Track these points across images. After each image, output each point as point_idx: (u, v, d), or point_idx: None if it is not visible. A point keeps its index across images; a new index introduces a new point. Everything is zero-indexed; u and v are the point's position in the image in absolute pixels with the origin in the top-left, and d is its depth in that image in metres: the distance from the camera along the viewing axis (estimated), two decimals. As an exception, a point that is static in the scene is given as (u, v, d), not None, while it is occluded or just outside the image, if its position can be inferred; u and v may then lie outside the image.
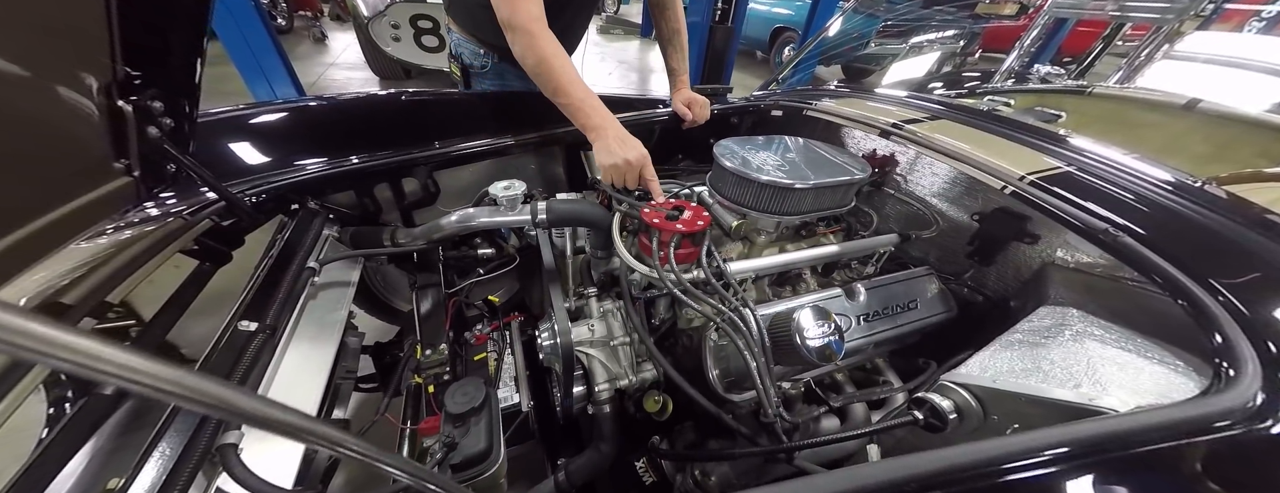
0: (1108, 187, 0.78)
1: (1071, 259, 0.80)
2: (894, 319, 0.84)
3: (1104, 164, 0.85)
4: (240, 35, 2.86)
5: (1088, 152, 0.90)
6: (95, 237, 0.57)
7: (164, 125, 0.62)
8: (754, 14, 6.86)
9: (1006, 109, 1.96)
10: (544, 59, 0.87)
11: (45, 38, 0.46)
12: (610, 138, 0.88)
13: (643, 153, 0.88)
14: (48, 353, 0.17)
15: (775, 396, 0.63)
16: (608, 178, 0.90)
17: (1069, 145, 0.94)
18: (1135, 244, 0.63)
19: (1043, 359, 0.58)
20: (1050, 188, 0.75)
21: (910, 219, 1.10)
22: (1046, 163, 0.84)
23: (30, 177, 0.48)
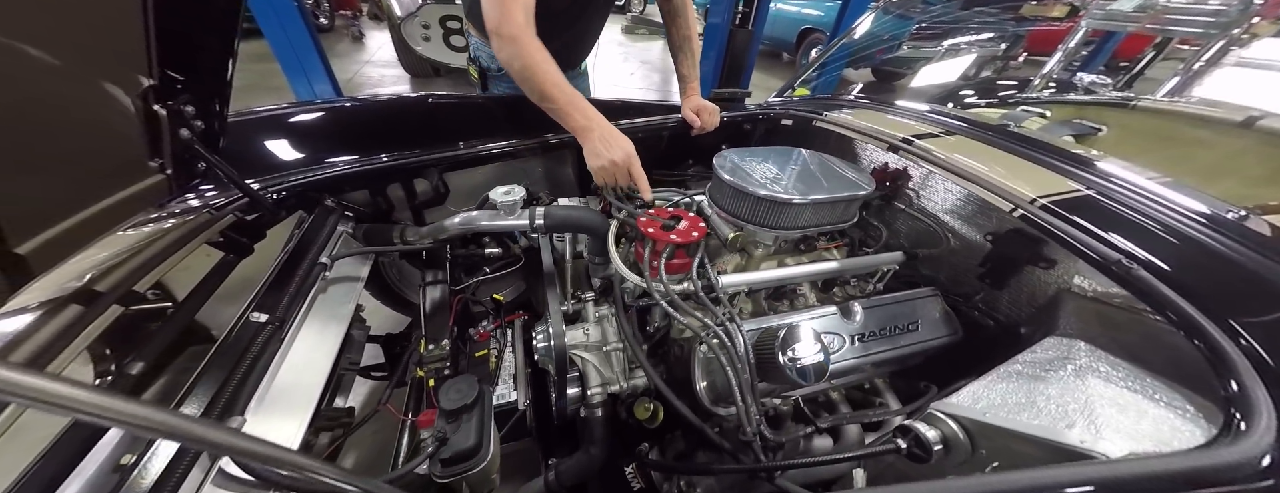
0: (1130, 214, 0.74)
1: (1088, 287, 0.76)
2: (893, 341, 0.82)
3: (1131, 190, 0.80)
4: (284, 35, 3.03)
5: (1114, 176, 0.84)
6: (129, 229, 0.63)
7: (195, 127, 0.67)
8: (781, 15, 6.74)
9: (1040, 121, 1.86)
10: (528, 65, 0.88)
11: (88, 50, 0.50)
12: (596, 138, 0.89)
13: (629, 152, 0.88)
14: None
15: (757, 413, 0.62)
16: (598, 178, 0.91)
17: (1094, 168, 0.89)
18: (1149, 277, 0.59)
19: (1039, 394, 0.56)
20: (1063, 213, 0.72)
21: (921, 236, 1.07)
22: (1064, 186, 0.80)
23: (74, 174, 0.53)
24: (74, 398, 0.22)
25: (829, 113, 1.20)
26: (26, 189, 0.47)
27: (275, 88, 3.52)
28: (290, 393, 0.63)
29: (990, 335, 0.96)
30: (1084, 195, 0.78)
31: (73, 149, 0.53)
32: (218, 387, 0.53)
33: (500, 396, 1.03)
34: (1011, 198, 0.77)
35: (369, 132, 1.10)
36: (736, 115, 1.33)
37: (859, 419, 0.78)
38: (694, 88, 1.26)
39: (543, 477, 0.92)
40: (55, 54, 0.47)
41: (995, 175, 0.81)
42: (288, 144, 0.98)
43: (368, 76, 4.72)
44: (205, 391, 0.53)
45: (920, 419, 0.59)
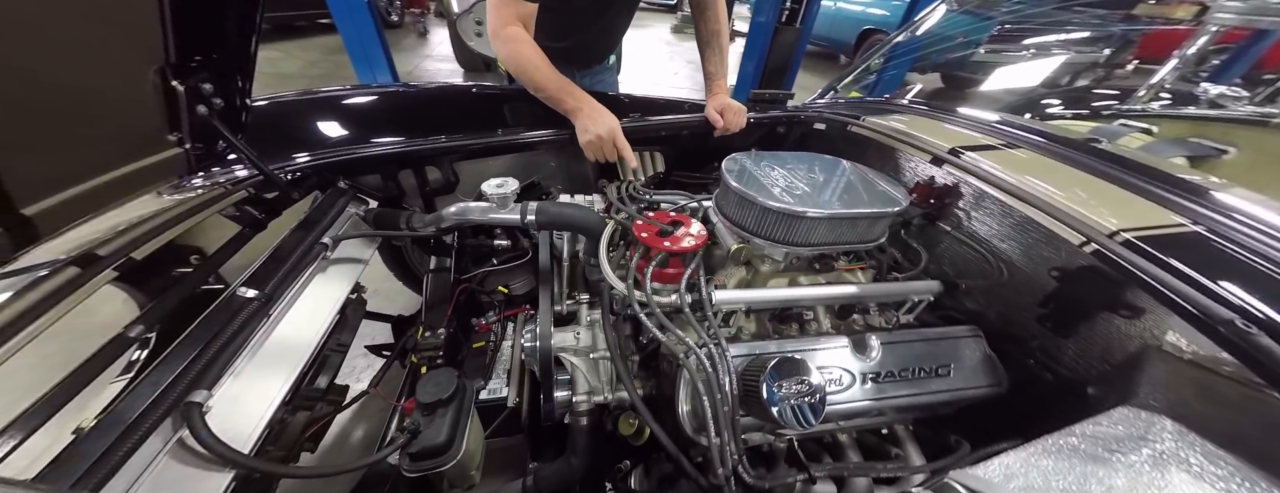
0: (1256, 261, 0.57)
1: (1187, 349, 0.60)
2: (916, 385, 0.70)
3: (1260, 229, 0.62)
4: (354, 30, 3.32)
5: (1238, 210, 0.66)
6: (143, 197, 0.67)
7: (214, 105, 0.70)
8: (842, 14, 6.35)
9: (1143, 138, 1.57)
10: (521, 61, 0.99)
11: (104, 22, 0.53)
12: (584, 116, 0.99)
13: (613, 126, 0.98)
14: None
15: (734, 450, 0.55)
16: (589, 153, 1.00)
17: (1210, 198, 0.70)
18: (1275, 346, 0.45)
19: (1096, 482, 0.44)
20: (1156, 252, 0.57)
21: (970, 265, 0.92)
22: (1164, 218, 0.64)
23: (84, 142, 0.56)
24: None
25: (870, 117, 1.07)
26: (32, 153, 0.50)
27: (347, 78, 3.83)
28: (269, 368, 0.64)
29: (1046, 392, 0.80)
30: (1190, 232, 0.62)
31: (83, 118, 0.56)
32: (189, 360, 0.54)
33: (492, 390, 1.01)
34: (1085, 228, 0.62)
35: (394, 118, 1.12)
36: (765, 117, 1.23)
37: (867, 471, 0.67)
38: (721, 85, 1.18)
39: (522, 481, 0.89)
40: (71, 28, 0.49)
41: (1065, 200, 0.67)
42: (316, 126, 1.02)
43: (426, 70, 5.01)
44: (177, 362, 0.54)
45: (933, 487, 0.49)
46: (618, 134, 0.99)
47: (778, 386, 0.53)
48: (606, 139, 0.97)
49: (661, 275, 0.72)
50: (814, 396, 0.54)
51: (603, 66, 1.50)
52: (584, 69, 1.46)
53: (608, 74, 1.55)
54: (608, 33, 1.35)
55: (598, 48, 1.41)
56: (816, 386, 0.54)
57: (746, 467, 0.58)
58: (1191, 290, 0.52)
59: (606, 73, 1.54)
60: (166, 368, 0.53)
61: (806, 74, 6.16)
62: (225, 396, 0.58)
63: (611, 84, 1.58)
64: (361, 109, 1.11)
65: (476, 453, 0.86)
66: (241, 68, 0.73)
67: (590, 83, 1.49)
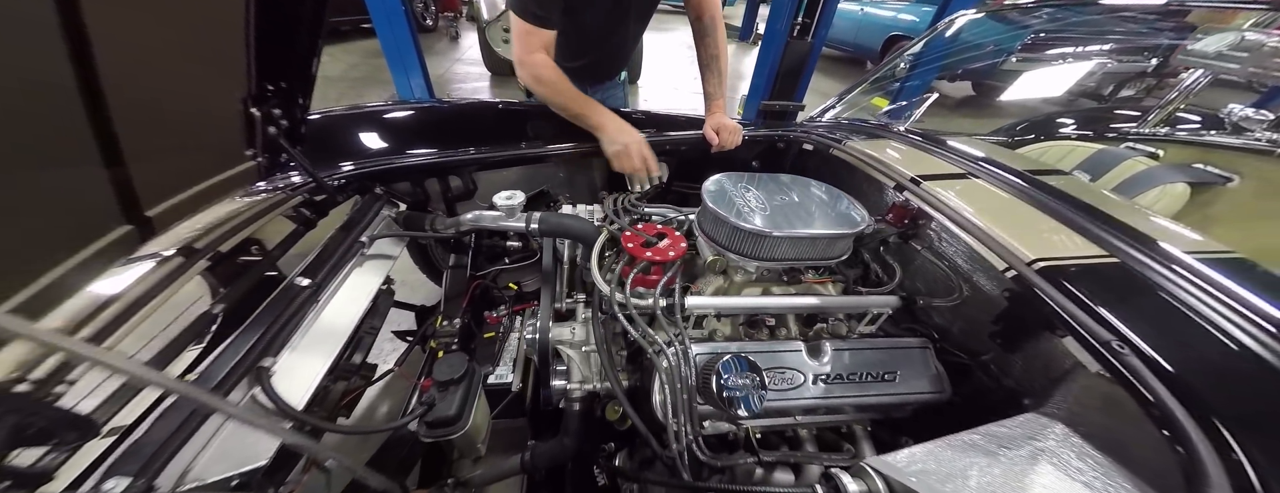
0: (1165, 296, 0.64)
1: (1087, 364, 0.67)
2: (862, 388, 0.79)
3: (1185, 269, 0.69)
4: (392, 35, 3.54)
5: (1172, 249, 0.72)
6: (225, 201, 0.82)
7: (280, 125, 0.85)
8: (869, 19, 6.28)
9: (1145, 162, 1.58)
10: (547, 86, 1.11)
11: (207, 66, 0.68)
12: (611, 130, 1.10)
13: (639, 137, 1.10)
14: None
15: (690, 431, 0.65)
16: (616, 163, 1.12)
17: (1144, 238, 0.76)
18: (1140, 365, 0.53)
19: (976, 470, 0.53)
20: (1063, 279, 0.64)
21: (937, 283, 1.00)
22: (1086, 250, 0.71)
23: (191, 158, 0.72)
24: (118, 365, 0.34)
25: (853, 141, 1.16)
26: (154, 166, 0.65)
27: (385, 81, 4.07)
28: (317, 344, 0.79)
29: (993, 401, 0.88)
30: (1110, 264, 0.69)
31: (191, 138, 0.72)
32: (260, 333, 0.69)
33: (499, 375, 1.14)
34: (1008, 255, 0.70)
35: (424, 132, 1.27)
36: (758, 135, 1.32)
37: (809, 460, 0.77)
38: (718, 105, 1.28)
39: (521, 455, 1.01)
40: (185, 70, 0.64)
41: (1000, 228, 0.75)
42: (358, 137, 1.18)
43: (456, 73, 5.25)
44: (251, 335, 0.69)
45: (851, 470, 0.58)
46: (644, 144, 1.10)
47: (728, 378, 0.64)
48: (634, 148, 1.08)
49: (644, 281, 0.83)
50: (759, 388, 0.64)
51: (613, 83, 1.62)
52: (595, 85, 1.58)
53: (617, 89, 1.67)
54: (617, 53, 1.46)
55: (608, 66, 1.53)
56: (758, 380, 0.64)
57: (701, 446, 0.68)
58: (1082, 313, 0.60)
59: (616, 88, 1.66)
60: (244, 339, 0.68)
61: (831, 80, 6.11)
62: (284, 365, 0.72)
63: (620, 99, 1.69)
64: (396, 123, 1.27)
65: (483, 428, 0.99)
66: (304, 90, 0.88)
67: (601, 98, 1.61)
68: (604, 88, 1.60)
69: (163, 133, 0.65)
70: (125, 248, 0.63)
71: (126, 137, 0.58)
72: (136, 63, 0.58)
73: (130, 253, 0.64)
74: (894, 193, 1.04)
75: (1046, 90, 2.73)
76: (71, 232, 0.56)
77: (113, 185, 0.59)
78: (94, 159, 0.56)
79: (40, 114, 0.50)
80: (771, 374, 0.75)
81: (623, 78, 1.67)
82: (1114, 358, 0.55)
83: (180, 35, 0.62)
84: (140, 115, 0.60)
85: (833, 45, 7.10)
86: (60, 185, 0.54)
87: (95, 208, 0.58)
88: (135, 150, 0.60)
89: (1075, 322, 0.60)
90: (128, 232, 0.62)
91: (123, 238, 0.62)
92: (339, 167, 1.08)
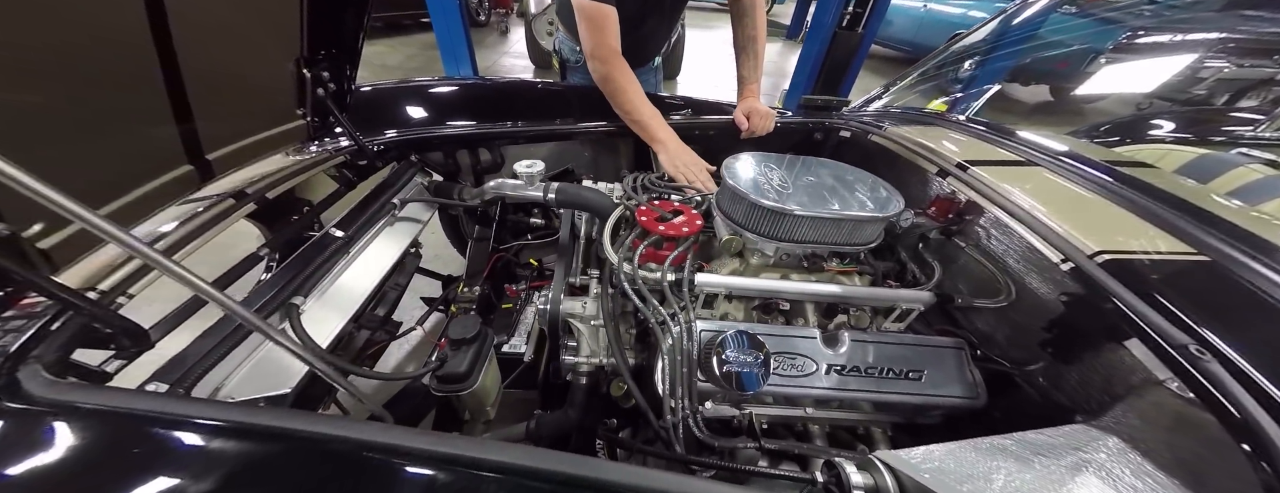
0: (1260, 294, 0.54)
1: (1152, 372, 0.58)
2: (882, 383, 0.73)
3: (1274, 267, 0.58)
4: (446, 30, 3.76)
5: (1263, 246, 0.61)
6: (277, 155, 0.89)
7: (329, 88, 0.91)
8: (933, 17, 5.84)
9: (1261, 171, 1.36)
10: (618, 87, 1.11)
11: (267, 30, 0.74)
12: (672, 150, 1.10)
13: (696, 158, 1.09)
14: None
15: (686, 407, 0.63)
16: (678, 176, 1.09)
17: (1250, 235, 0.65)
18: (1222, 371, 0.45)
19: (1002, 475, 0.47)
20: (1134, 274, 0.56)
21: (983, 284, 0.91)
22: (1168, 245, 0.61)
23: (248, 112, 0.79)
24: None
25: (894, 127, 1.07)
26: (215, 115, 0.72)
27: (438, 71, 4.31)
28: (344, 292, 0.84)
29: (1038, 415, 0.79)
30: (1197, 262, 0.59)
31: (248, 94, 0.78)
32: (295, 273, 0.75)
33: (513, 345, 1.17)
34: (1066, 246, 0.62)
35: (461, 106, 1.33)
36: (791, 122, 1.27)
37: (814, 454, 0.72)
38: (752, 90, 1.23)
39: (526, 423, 1.03)
40: (246, 35, 0.70)
41: (1057, 219, 0.66)
42: (401, 109, 1.25)
43: (503, 65, 5.46)
44: (286, 274, 0.74)
45: (856, 461, 0.54)
46: (702, 165, 1.09)
47: (729, 353, 0.61)
48: (694, 167, 1.08)
49: (655, 256, 0.82)
50: (761, 365, 0.61)
51: (645, 68, 1.60)
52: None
53: (649, 74, 1.64)
54: (650, 38, 1.45)
55: (642, 50, 1.51)
56: (762, 358, 0.61)
57: (699, 424, 0.66)
58: (1152, 312, 0.51)
59: (648, 73, 1.64)
60: (279, 277, 0.74)
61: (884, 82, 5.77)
62: (313, 306, 0.78)
63: (654, 84, 1.68)
64: (437, 97, 1.33)
65: (492, 392, 1.02)
66: (350, 60, 0.94)
67: None
68: (638, 73, 1.58)
69: (223, 87, 0.72)
70: (187, 186, 0.70)
71: (193, 88, 0.64)
72: (204, 24, 0.65)
73: (191, 191, 0.71)
74: (938, 182, 0.95)
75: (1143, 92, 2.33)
76: (142, 165, 0.63)
77: (178, 130, 0.65)
78: (163, 104, 0.62)
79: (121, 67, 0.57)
80: (780, 359, 0.71)
81: (656, 63, 1.66)
82: (1190, 364, 0.47)
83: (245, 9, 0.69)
84: (204, 69, 0.66)
85: (890, 44, 6.66)
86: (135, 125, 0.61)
87: (163, 147, 0.65)
88: (199, 100, 0.66)
89: (1144, 321, 0.52)
90: (188, 171, 0.69)
91: (184, 176, 0.69)
92: (382, 134, 1.15)
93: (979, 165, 0.84)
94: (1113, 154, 1.06)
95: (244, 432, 0.40)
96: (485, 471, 0.38)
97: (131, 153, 0.62)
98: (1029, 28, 2.03)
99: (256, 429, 0.41)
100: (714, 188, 1.06)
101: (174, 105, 0.63)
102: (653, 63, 1.61)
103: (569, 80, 1.59)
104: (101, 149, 0.56)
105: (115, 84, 0.57)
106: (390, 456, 0.39)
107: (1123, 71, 2.41)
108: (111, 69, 0.55)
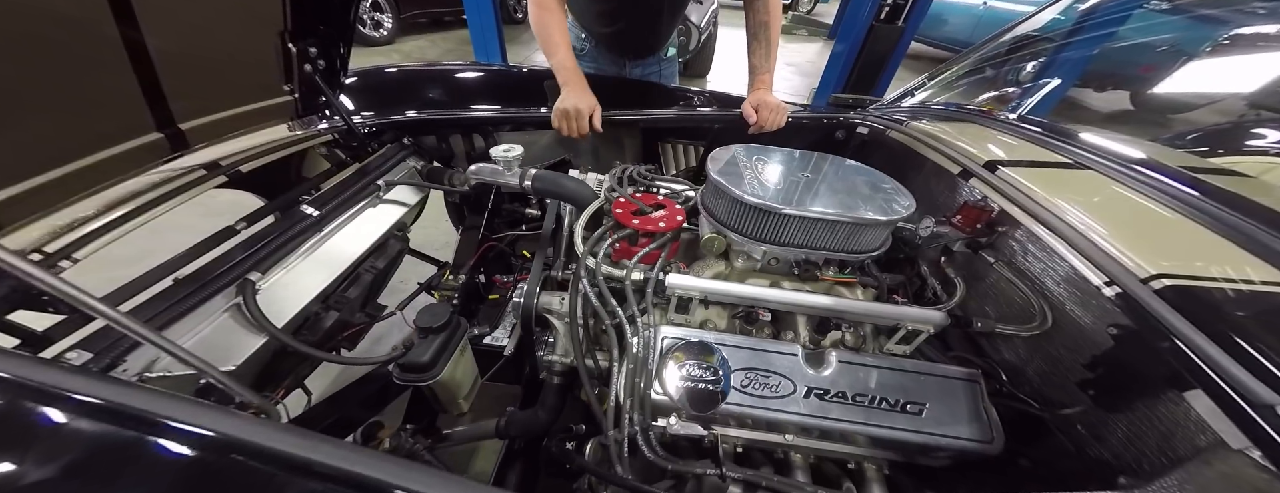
0: None
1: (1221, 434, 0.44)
2: (872, 414, 0.63)
3: None
4: (479, 26, 3.85)
5: None
6: (262, 130, 0.89)
7: (317, 65, 0.90)
8: (993, 15, 5.39)
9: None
10: (544, 28, 1.10)
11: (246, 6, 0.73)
12: (569, 90, 1.07)
13: (592, 104, 1.06)
14: None
15: (634, 419, 0.56)
16: (555, 121, 1.06)
17: None
18: None
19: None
20: (1207, 308, 0.43)
21: (1013, 307, 0.77)
22: (1265, 274, 0.47)
23: (226, 81, 0.78)
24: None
25: (917, 122, 0.94)
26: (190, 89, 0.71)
27: (470, 65, 4.43)
28: (312, 271, 0.83)
29: (1071, 470, 0.65)
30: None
31: (228, 63, 0.78)
32: (255, 249, 0.73)
33: (495, 338, 1.13)
34: (1112, 267, 0.49)
35: (466, 91, 1.31)
36: (801, 116, 1.15)
37: (784, 488, 0.62)
38: (764, 80, 1.13)
39: (497, 421, 0.99)
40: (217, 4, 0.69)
41: (1104, 232, 0.53)
42: (402, 92, 1.25)
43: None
44: (247, 248, 0.73)
45: None
46: (595, 113, 1.06)
47: (686, 365, 0.53)
48: (582, 112, 1.04)
49: (627, 252, 0.75)
50: (712, 382, 0.52)
51: (655, 58, 1.52)
52: (636, 59, 1.49)
53: (663, 66, 1.56)
54: (649, 24, 1.37)
55: (646, 37, 1.43)
56: (719, 372, 0.52)
57: (651, 440, 0.59)
58: (1225, 358, 0.39)
59: (661, 65, 1.55)
60: (239, 251, 0.73)
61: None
62: (277, 282, 0.77)
63: (668, 76, 1.59)
64: (438, 82, 1.32)
65: (464, 385, 0.98)
66: (342, 38, 0.93)
67: (642, 73, 1.52)
68: (646, 63, 1.51)
69: (194, 57, 0.72)
70: (156, 153, 0.70)
71: (159, 55, 0.63)
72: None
73: (161, 159, 0.71)
74: (966, 187, 0.82)
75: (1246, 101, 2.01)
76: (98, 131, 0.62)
77: (144, 98, 0.65)
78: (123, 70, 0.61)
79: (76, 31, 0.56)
80: (752, 376, 0.62)
81: (669, 54, 1.58)
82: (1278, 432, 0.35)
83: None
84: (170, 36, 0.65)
85: (943, 45, 6.21)
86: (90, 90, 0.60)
87: (124, 115, 0.65)
88: (167, 69, 0.65)
89: (1213, 369, 0.39)
90: (156, 139, 0.69)
91: (152, 144, 0.69)
92: (385, 117, 1.14)
93: (1013, 167, 0.70)
94: (1198, 162, 0.87)
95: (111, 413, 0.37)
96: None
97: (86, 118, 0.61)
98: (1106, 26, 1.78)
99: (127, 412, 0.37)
100: (583, 131, 1.05)
101: (138, 73, 0.62)
102: (663, 53, 1.53)
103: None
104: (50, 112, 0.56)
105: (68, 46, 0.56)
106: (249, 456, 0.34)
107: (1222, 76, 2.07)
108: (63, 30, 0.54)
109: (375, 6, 5.11)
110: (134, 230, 0.65)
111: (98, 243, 0.59)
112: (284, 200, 0.89)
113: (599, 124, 1.08)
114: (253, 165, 0.82)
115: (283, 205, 0.86)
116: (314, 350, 0.73)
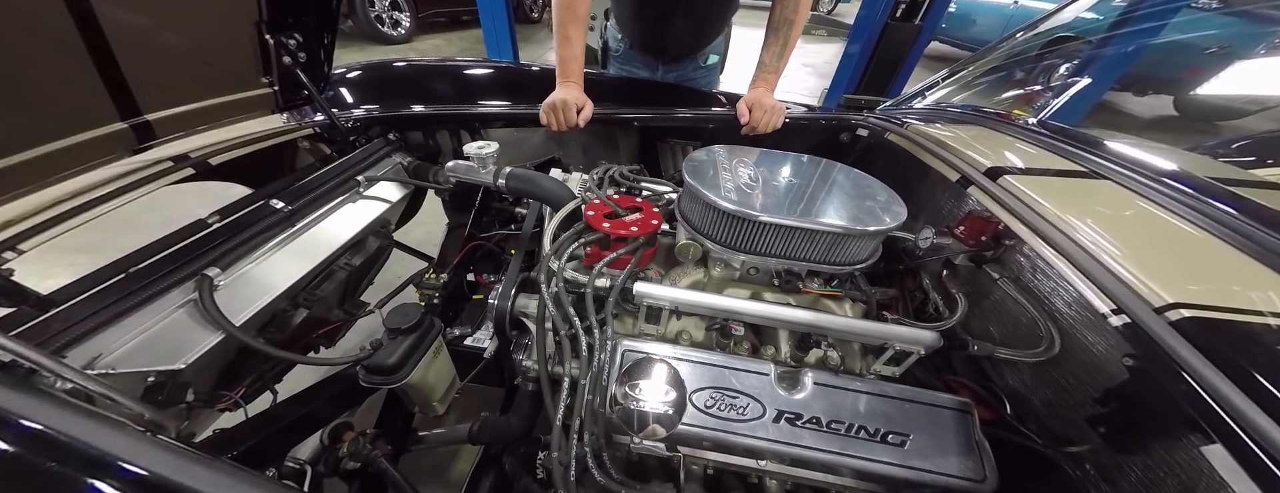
0: None
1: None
2: (848, 444, 0.57)
3: None
4: (492, 25, 3.87)
5: None
6: (238, 123, 0.88)
7: (298, 58, 0.88)
8: (1024, 15, 5.16)
9: None
10: (563, 14, 1.06)
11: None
12: (562, 85, 1.06)
13: (580, 100, 1.05)
14: None
15: (585, 438, 0.52)
16: (544, 115, 1.05)
17: None
18: None
19: None
20: (1233, 347, 0.36)
21: (1019, 329, 0.70)
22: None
23: (195, 72, 0.77)
24: None
25: (918, 124, 0.87)
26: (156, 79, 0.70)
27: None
28: (279, 267, 0.81)
29: None
30: None
31: (200, 54, 0.77)
32: (216, 244, 0.71)
33: (476, 339, 1.10)
34: (1119, 293, 0.43)
35: (458, 87, 1.28)
36: (802, 118, 1.08)
37: None
38: (767, 80, 1.07)
39: (470, 425, 0.96)
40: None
41: (1115, 252, 0.46)
42: (390, 87, 1.23)
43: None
44: (208, 243, 0.71)
45: None
46: (585, 107, 1.04)
47: (630, 385, 0.49)
48: (569, 105, 1.02)
49: (598, 256, 0.70)
50: (673, 406, 0.48)
51: (693, 64, 1.42)
52: (672, 63, 1.41)
53: (699, 74, 1.46)
54: (697, 25, 1.29)
55: (683, 39, 1.34)
56: (678, 395, 0.48)
57: (605, 463, 0.54)
58: (1251, 407, 0.32)
59: (697, 72, 1.45)
60: (200, 244, 0.71)
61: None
62: (241, 278, 0.75)
63: (706, 84, 1.50)
64: (431, 78, 1.30)
65: (439, 388, 0.95)
66: (326, 30, 0.92)
67: (676, 78, 1.44)
68: (682, 68, 1.42)
69: (158, 46, 0.70)
70: (121, 144, 0.69)
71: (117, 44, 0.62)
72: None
73: (127, 149, 0.70)
74: (969, 196, 0.75)
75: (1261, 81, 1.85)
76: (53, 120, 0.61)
77: (106, 85, 0.63)
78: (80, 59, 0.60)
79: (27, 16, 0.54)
80: (718, 396, 0.57)
81: (710, 61, 1.45)
82: None
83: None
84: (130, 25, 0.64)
85: (970, 46, 5.98)
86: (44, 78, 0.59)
87: (87, 102, 0.64)
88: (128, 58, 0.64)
89: (1234, 417, 0.33)
90: (121, 129, 0.67)
91: (116, 134, 0.67)
92: (366, 111, 1.13)
93: (1020, 175, 0.63)
94: (1239, 174, 0.78)
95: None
96: None
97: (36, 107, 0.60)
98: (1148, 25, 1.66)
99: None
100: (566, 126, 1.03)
101: (97, 62, 0.61)
102: (701, 60, 1.43)
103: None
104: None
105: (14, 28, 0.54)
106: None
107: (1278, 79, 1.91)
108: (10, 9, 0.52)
109: (394, 6, 5.19)
110: (92, 222, 0.64)
111: (48, 234, 0.58)
112: (256, 195, 0.88)
113: (583, 121, 1.05)
114: (225, 158, 0.81)
115: (254, 199, 0.85)
116: (272, 349, 0.70)
